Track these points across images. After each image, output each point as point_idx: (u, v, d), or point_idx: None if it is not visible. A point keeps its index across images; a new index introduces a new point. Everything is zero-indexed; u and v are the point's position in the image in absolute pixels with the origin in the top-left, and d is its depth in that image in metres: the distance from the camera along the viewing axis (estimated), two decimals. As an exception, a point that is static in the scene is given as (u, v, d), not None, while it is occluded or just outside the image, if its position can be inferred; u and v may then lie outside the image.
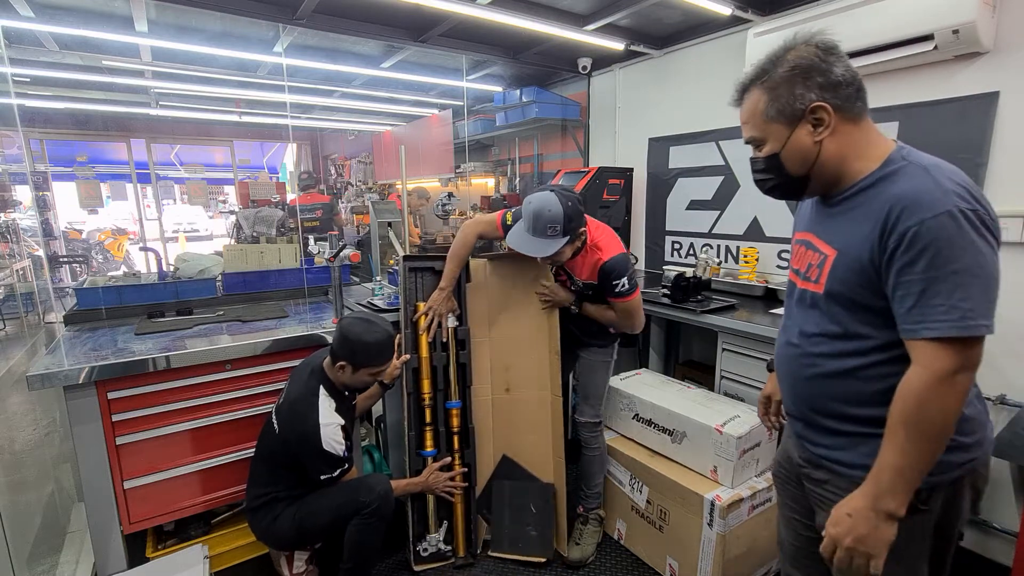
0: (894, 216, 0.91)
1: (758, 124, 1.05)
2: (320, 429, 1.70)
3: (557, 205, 1.80)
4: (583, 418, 2.17)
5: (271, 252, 2.87)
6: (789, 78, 0.99)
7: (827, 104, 0.98)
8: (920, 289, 0.90)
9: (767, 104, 1.02)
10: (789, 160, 1.04)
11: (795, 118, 1.00)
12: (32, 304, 2.81)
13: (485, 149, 5.63)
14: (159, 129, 5.72)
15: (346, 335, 1.77)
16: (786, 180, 1.07)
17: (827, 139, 1.00)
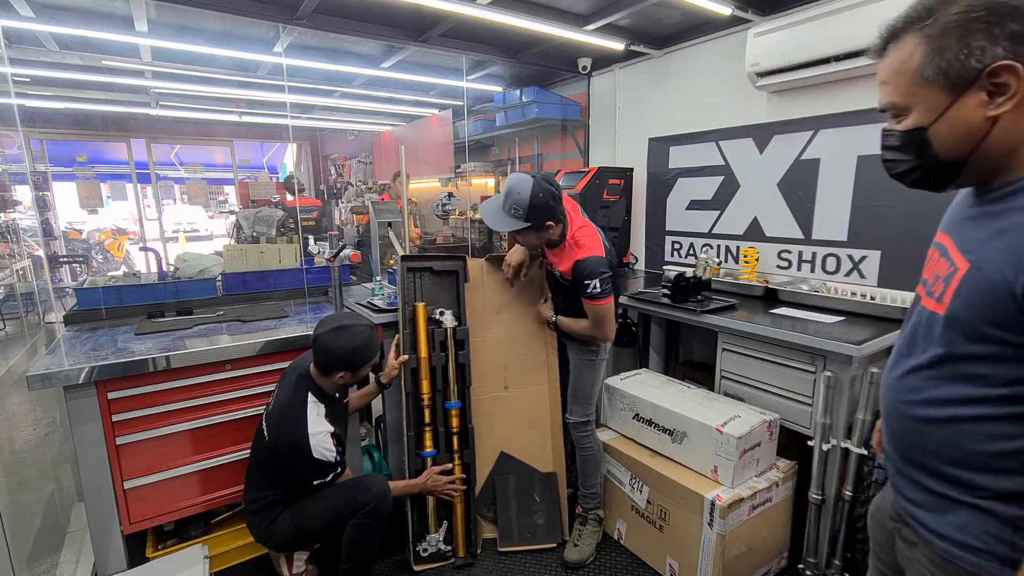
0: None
1: (904, 86, 0.77)
2: (309, 439, 1.70)
3: (527, 191, 1.83)
4: (572, 417, 2.18)
5: (271, 252, 2.87)
6: (965, 23, 0.71)
7: (1019, 64, 0.69)
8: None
9: (924, 59, 0.74)
10: (941, 138, 0.76)
11: (965, 81, 0.72)
12: (32, 304, 2.82)
13: (485, 149, 5.63)
14: (159, 129, 5.72)
15: (333, 351, 1.75)
16: (930, 163, 0.79)
17: (1008, 114, 0.71)
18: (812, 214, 2.68)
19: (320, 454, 1.71)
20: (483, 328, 2.33)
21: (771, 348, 2.11)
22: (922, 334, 0.86)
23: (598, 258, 1.93)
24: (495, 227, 1.99)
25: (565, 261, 1.99)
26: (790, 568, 2.13)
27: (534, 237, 1.95)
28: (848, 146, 2.50)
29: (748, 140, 2.94)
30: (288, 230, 3.74)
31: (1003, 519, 0.77)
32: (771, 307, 2.45)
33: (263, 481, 1.84)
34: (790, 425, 2.06)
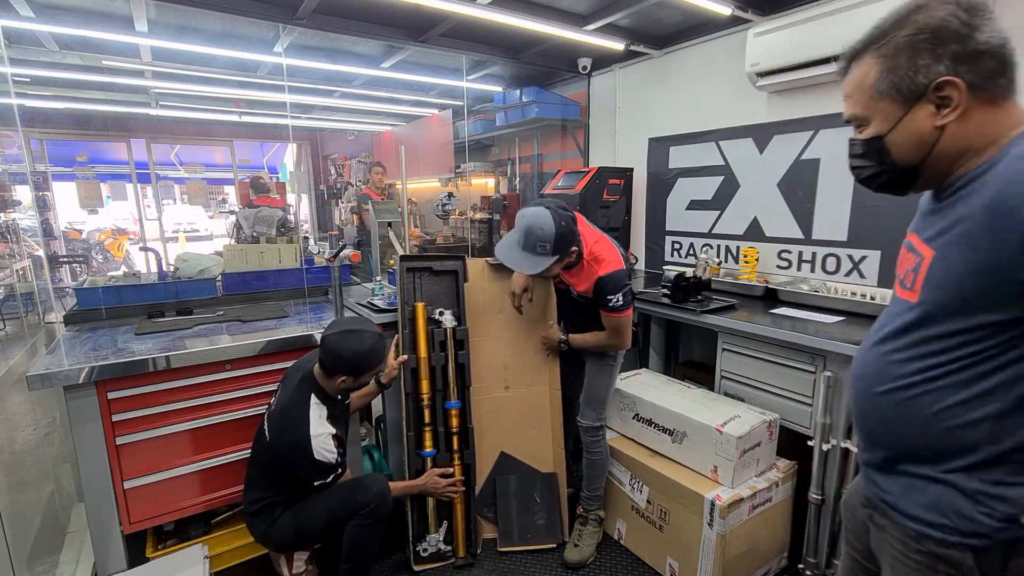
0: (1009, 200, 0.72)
1: (864, 100, 0.86)
2: (311, 440, 1.70)
3: (550, 224, 1.79)
4: (585, 421, 2.18)
5: (271, 252, 2.87)
6: (913, 44, 0.80)
7: (959, 80, 0.77)
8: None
9: (880, 75, 0.83)
10: (898, 146, 0.85)
11: (915, 95, 0.81)
12: (32, 304, 2.82)
13: (485, 149, 5.63)
14: (159, 129, 5.72)
15: (339, 353, 1.75)
16: (889, 170, 0.87)
17: (952, 124, 0.80)
18: (812, 214, 2.68)
19: (321, 455, 1.71)
20: (483, 328, 2.33)
21: (771, 348, 2.11)
22: (892, 320, 0.92)
23: (621, 272, 1.92)
24: (523, 271, 1.90)
25: (585, 280, 1.97)
26: (790, 568, 2.13)
27: (557, 266, 1.91)
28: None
29: (748, 140, 2.93)
30: (288, 230, 3.75)
31: (966, 493, 0.82)
32: (771, 307, 2.45)
33: (263, 481, 1.84)
34: (790, 425, 2.06)
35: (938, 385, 0.83)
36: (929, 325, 0.84)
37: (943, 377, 0.83)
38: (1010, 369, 0.77)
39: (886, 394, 0.90)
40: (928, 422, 0.84)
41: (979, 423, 0.80)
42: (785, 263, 2.84)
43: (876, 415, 0.93)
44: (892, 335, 0.91)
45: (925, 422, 0.85)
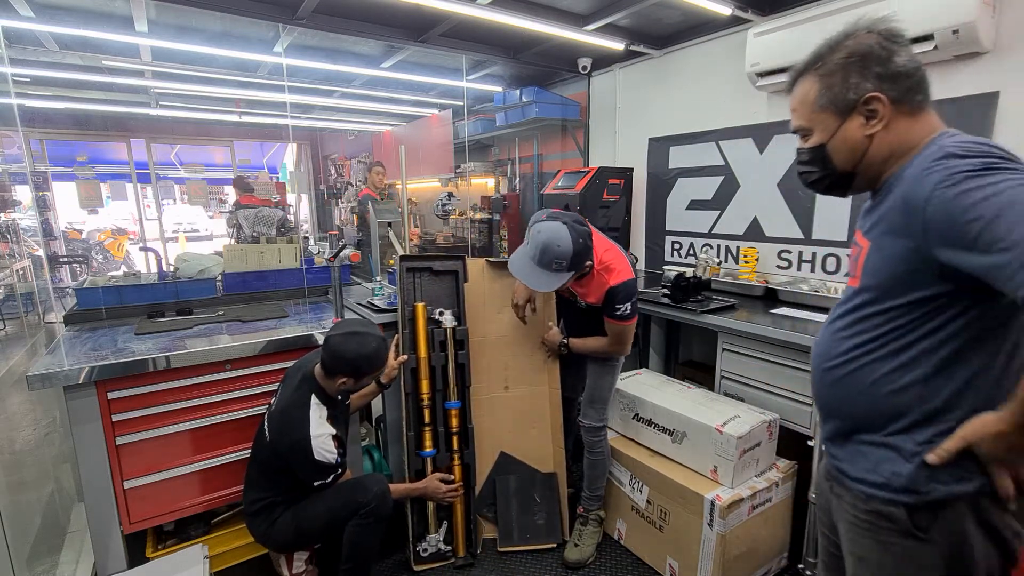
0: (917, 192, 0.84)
1: (807, 113, 1.00)
2: (311, 441, 1.70)
3: (568, 242, 1.76)
4: (587, 422, 2.18)
5: (271, 252, 2.87)
6: (845, 65, 0.94)
7: (883, 95, 0.92)
8: None
9: (819, 92, 0.97)
10: (836, 152, 0.98)
11: (847, 108, 0.95)
12: (32, 304, 2.82)
13: (485, 149, 5.63)
14: (159, 129, 5.72)
15: (342, 354, 1.75)
16: (831, 173, 1.01)
17: (880, 133, 0.93)
18: (812, 214, 2.68)
19: (321, 456, 1.71)
20: (483, 328, 2.33)
21: (771, 348, 2.11)
22: (840, 305, 1.04)
23: (631, 281, 1.92)
24: (539, 288, 1.86)
25: (595, 290, 1.96)
26: (790, 568, 2.13)
27: (571, 280, 1.91)
28: (848, 146, 2.50)
29: (748, 140, 2.93)
30: (288, 230, 3.74)
31: (903, 454, 0.91)
32: (771, 307, 2.45)
33: (263, 481, 1.84)
34: (790, 425, 2.06)
35: (874, 357, 0.94)
36: (866, 305, 0.95)
37: (877, 349, 0.93)
38: (932, 337, 0.87)
39: (832, 369, 1.00)
40: (868, 391, 0.94)
41: (910, 387, 0.90)
42: (785, 263, 2.84)
43: (826, 390, 1.03)
44: (838, 317, 1.03)
45: (865, 391, 0.95)
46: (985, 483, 0.86)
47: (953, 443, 0.85)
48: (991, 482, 0.86)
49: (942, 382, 0.88)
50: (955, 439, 0.85)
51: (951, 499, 0.87)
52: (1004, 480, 0.86)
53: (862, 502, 0.96)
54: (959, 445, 0.85)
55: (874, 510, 0.94)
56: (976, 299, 0.83)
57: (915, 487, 0.89)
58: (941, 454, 0.86)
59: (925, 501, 0.88)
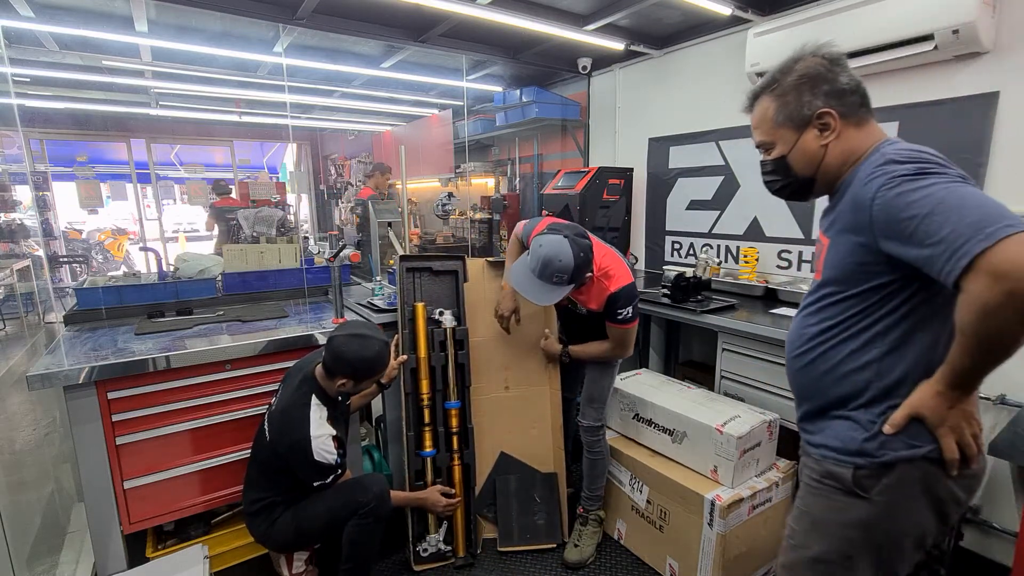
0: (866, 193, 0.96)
1: (768, 129, 1.13)
2: (311, 441, 1.70)
3: (569, 256, 1.77)
4: (586, 421, 2.18)
5: (271, 252, 2.87)
6: (797, 86, 1.07)
7: (833, 110, 1.05)
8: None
9: (776, 110, 1.10)
10: (796, 162, 1.11)
11: (803, 123, 1.08)
12: (32, 304, 2.81)
13: (485, 149, 5.63)
14: (159, 129, 5.72)
15: (343, 355, 1.75)
16: (793, 181, 1.14)
17: (833, 142, 1.06)
18: (812, 214, 2.68)
19: (321, 456, 1.71)
20: (484, 328, 2.33)
21: (771, 348, 2.11)
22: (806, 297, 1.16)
23: (631, 285, 1.93)
24: (540, 302, 1.87)
25: (596, 297, 1.96)
26: (790, 568, 2.13)
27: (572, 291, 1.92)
28: (848, 146, 2.50)
29: (748, 140, 2.91)
30: (288, 230, 3.74)
31: (861, 423, 1.02)
32: (771, 307, 2.45)
33: (263, 481, 1.84)
34: (790, 425, 2.06)
35: (836, 340, 1.05)
36: (828, 296, 1.07)
37: (839, 334, 1.05)
38: (885, 320, 0.99)
39: (802, 355, 1.12)
40: (832, 371, 1.06)
41: (868, 365, 1.01)
42: (785, 263, 2.84)
43: (798, 374, 1.14)
44: (804, 308, 1.15)
45: (830, 371, 1.06)
46: (934, 449, 0.96)
47: (902, 412, 0.97)
48: (939, 448, 0.96)
49: (895, 360, 0.99)
50: (903, 408, 0.97)
51: (899, 462, 0.98)
52: (949, 443, 0.95)
53: (817, 464, 1.08)
54: (907, 412, 0.96)
55: (826, 470, 1.05)
56: (919, 286, 0.95)
57: (867, 451, 1.00)
58: (893, 423, 0.98)
59: (874, 463, 0.99)
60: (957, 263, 0.81)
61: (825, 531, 1.05)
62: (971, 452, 0.96)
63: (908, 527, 0.99)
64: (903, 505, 0.98)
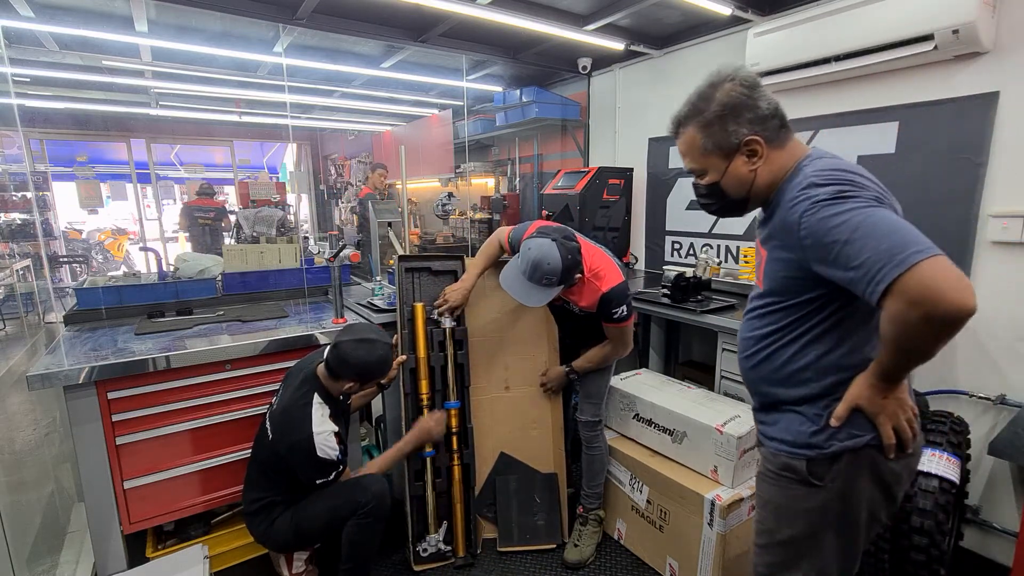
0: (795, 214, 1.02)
1: (697, 158, 1.18)
2: (313, 438, 1.70)
3: (556, 259, 1.80)
4: (584, 416, 2.18)
5: (271, 252, 2.87)
6: (721, 116, 1.11)
7: (759, 137, 1.10)
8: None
9: (703, 140, 1.14)
10: (729, 187, 1.17)
11: (731, 151, 1.12)
12: (32, 304, 2.81)
13: (485, 149, 5.63)
14: (159, 129, 5.72)
15: (348, 359, 1.76)
16: (728, 203, 1.21)
17: (762, 167, 1.12)
18: (812, 214, 2.68)
19: (324, 452, 1.72)
20: (484, 328, 2.33)
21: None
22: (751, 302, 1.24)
23: (622, 284, 1.94)
24: (529, 303, 1.91)
25: (587, 297, 1.97)
26: (790, 568, 2.13)
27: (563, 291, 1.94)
28: (848, 146, 2.50)
29: (748, 140, 2.93)
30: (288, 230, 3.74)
31: (807, 417, 1.11)
32: (771, 307, 2.44)
33: (263, 481, 1.84)
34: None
35: (779, 344, 1.14)
36: (769, 305, 1.15)
37: (781, 338, 1.13)
38: (821, 326, 1.08)
39: (751, 356, 1.21)
40: (778, 371, 1.14)
41: (809, 365, 1.10)
42: (785, 263, 2.84)
43: (749, 373, 1.23)
44: (749, 312, 1.23)
45: (776, 371, 1.15)
46: (874, 436, 1.05)
47: (843, 405, 1.05)
48: (879, 435, 1.05)
49: (831, 360, 1.08)
50: (844, 401, 1.06)
51: (845, 452, 1.06)
52: (887, 430, 1.04)
53: (773, 457, 1.16)
54: (847, 405, 1.05)
55: (781, 463, 1.13)
56: (847, 298, 1.02)
57: (816, 443, 1.08)
58: (838, 416, 1.06)
59: (823, 455, 1.07)
60: (876, 288, 0.88)
61: (790, 518, 1.13)
62: (906, 436, 1.05)
63: (860, 507, 1.09)
64: (854, 488, 1.07)
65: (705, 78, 1.18)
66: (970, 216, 2.14)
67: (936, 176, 2.23)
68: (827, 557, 1.12)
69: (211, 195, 5.13)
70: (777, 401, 1.16)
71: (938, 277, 0.83)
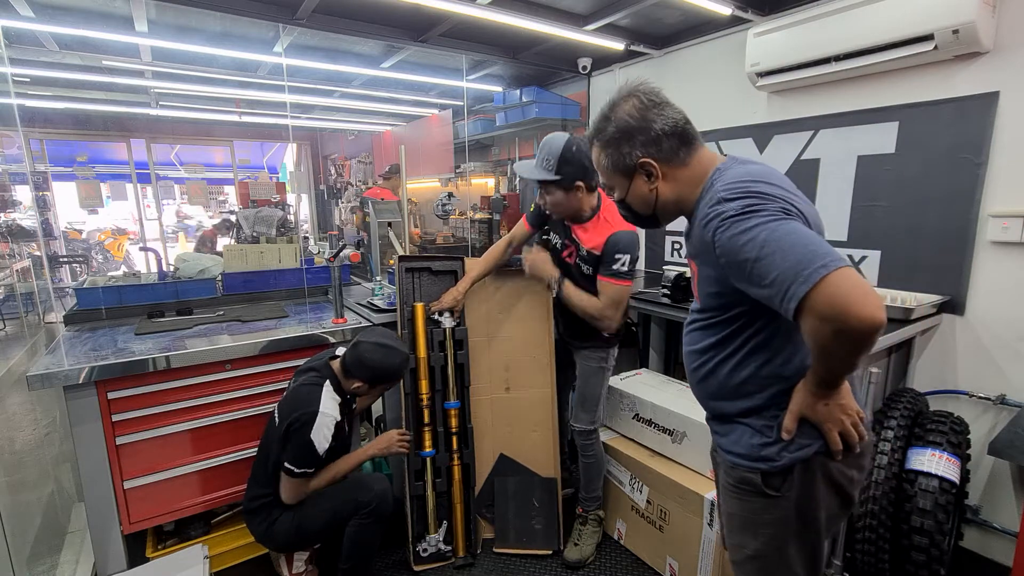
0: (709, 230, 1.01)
1: (604, 174, 1.20)
2: (317, 416, 1.69)
3: (561, 144, 1.80)
4: (578, 425, 2.16)
5: (271, 252, 2.87)
6: (616, 139, 1.11)
7: (651, 159, 1.10)
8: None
9: (605, 159, 1.16)
10: (635, 204, 1.18)
11: (629, 171, 1.13)
12: (32, 304, 2.81)
13: (485, 149, 5.63)
14: (159, 129, 5.72)
15: (366, 360, 1.78)
16: (640, 217, 1.22)
17: (661, 185, 1.12)
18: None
19: (317, 438, 1.68)
20: (485, 328, 2.33)
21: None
22: (691, 315, 1.24)
23: (633, 233, 1.88)
24: (525, 175, 1.94)
25: (596, 235, 1.91)
26: (790, 568, 2.13)
27: (562, 198, 1.87)
28: (848, 146, 2.50)
29: (748, 140, 2.93)
30: (288, 230, 3.74)
31: (755, 429, 1.11)
32: (771, 307, 2.44)
33: (267, 478, 1.83)
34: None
35: (719, 358, 1.14)
36: (705, 320, 1.16)
37: (720, 352, 1.13)
38: (755, 338, 1.08)
39: (695, 371, 1.21)
40: (721, 384, 1.15)
41: (751, 377, 1.10)
42: (785, 263, 2.84)
43: (696, 386, 1.23)
44: (690, 325, 1.23)
45: (720, 384, 1.15)
46: (822, 444, 1.06)
47: (789, 418, 1.06)
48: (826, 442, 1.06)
49: (771, 370, 1.08)
50: (789, 415, 1.06)
51: (796, 462, 1.07)
52: (834, 436, 1.04)
53: (731, 469, 1.16)
54: (793, 417, 1.06)
55: (739, 476, 1.14)
56: (774, 311, 0.99)
57: (768, 456, 1.08)
58: (787, 430, 1.06)
59: (776, 467, 1.08)
60: (788, 306, 0.88)
61: (754, 531, 1.14)
62: (852, 440, 1.05)
63: (819, 512, 1.10)
64: (810, 495, 1.08)
65: (614, 92, 1.15)
66: (970, 216, 2.14)
67: (936, 176, 2.23)
68: (794, 565, 1.13)
69: None
70: (723, 412, 1.17)
71: (843, 292, 0.83)
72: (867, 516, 1.91)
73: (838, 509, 1.12)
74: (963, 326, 2.22)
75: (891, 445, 1.93)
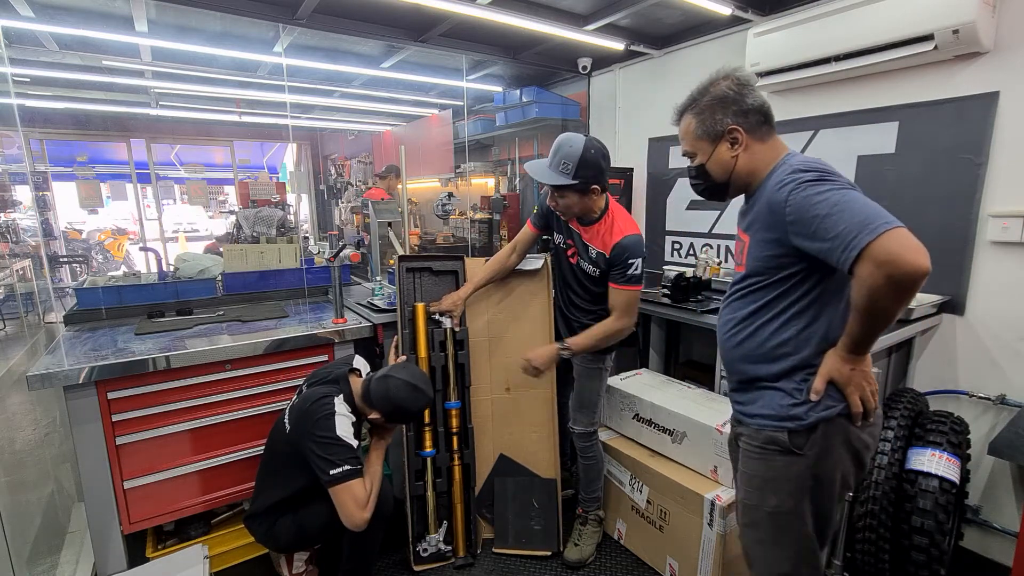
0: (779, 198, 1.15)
1: (690, 141, 1.33)
2: (335, 416, 1.67)
3: (579, 147, 1.79)
4: (577, 428, 2.16)
5: (271, 252, 2.87)
6: (711, 106, 1.27)
7: (740, 127, 1.24)
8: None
9: (696, 126, 1.30)
10: (713, 169, 1.30)
11: (717, 137, 1.27)
12: (32, 304, 2.81)
13: (485, 149, 5.63)
14: (159, 129, 5.71)
15: (393, 398, 1.73)
16: (712, 185, 1.33)
17: (741, 154, 1.26)
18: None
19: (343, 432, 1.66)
20: (485, 329, 2.33)
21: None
22: (731, 286, 1.35)
23: (640, 237, 1.89)
24: (540, 179, 1.86)
25: (605, 238, 1.90)
26: (790, 568, 2.13)
27: (576, 200, 1.86)
28: (848, 146, 2.50)
29: (748, 140, 2.93)
30: (288, 230, 3.74)
31: (786, 391, 1.22)
32: (771, 307, 2.44)
33: (272, 482, 1.82)
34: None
35: (761, 322, 1.25)
36: (752, 285, 1.27)
37: (763, 316, 1.25)
38: (798, 303, 1.20)
39: (732, 336, 1.32)
40: (760, 347, 1.26)
41: (788, 341, 1.22)
42: (785, 263, 2.84)
43: (730, 352, 1.34)
44: (730, 295, 1.35)
45: (758, 347, 1.26)
46: (845, 406, 1.18)
47: (819, 379, 1.18)
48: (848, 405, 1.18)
49: (808, 335, 1.20)
50: (819, 376, 1.18)
51: (821, 422, 1.18)
52: (855, 400, 1.17)
53: (756, 433, 1.26)
54: (823, 379, 1.18)
55: (765, 437, 1.24)
56: (822, 275, 1.17)
57: (797, 415, 1.20)
58: (816, 391, 1.18)
59: (802, 425, 1.19)
60: (850, 253, 1.01)
61: (775, 487, 1.24)
62: (870, 406, 1.18)
63: (835, 472, 1.21)
64: (829, 455, 1.20)
65: (711, 74, 1.33)
66: (970, 216, 2.14)
67: (936, 176, 2.23)
68: (808, 523, 1.24)
69: None
70: (756, 378, 1.27)
71: (901, 243, 0.99)
72: (867, 516, 1.91)
73: (851, 474, 1.24)
74: (963, 326, 2.22)
75: (891, 445, 1.93)
